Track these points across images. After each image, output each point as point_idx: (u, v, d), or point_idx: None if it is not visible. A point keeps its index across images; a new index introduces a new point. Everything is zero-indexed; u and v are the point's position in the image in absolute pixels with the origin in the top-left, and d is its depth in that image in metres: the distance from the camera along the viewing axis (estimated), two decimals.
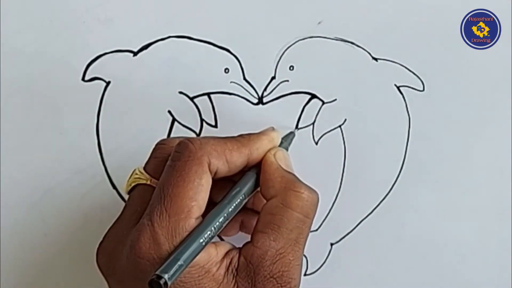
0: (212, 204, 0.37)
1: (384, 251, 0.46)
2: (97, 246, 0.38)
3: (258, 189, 0.39)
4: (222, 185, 0.39)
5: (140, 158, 0.45)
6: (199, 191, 0.35)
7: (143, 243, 0.34)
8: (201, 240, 0.34)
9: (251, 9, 0.46)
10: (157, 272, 0.33)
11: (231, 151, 0.37)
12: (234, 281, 0.36)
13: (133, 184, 0.38)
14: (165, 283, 0.32)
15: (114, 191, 0.46)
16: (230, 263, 0.36)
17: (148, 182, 0.38)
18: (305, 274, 0.46)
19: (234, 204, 0.37)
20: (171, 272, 0.33)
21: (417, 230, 0.46)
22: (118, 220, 0.38)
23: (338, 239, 0.46)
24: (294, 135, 0.45)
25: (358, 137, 0.46)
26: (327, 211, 0.45)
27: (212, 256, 0.36)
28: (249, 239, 0.38)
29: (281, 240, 0.36)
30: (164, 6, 0.46)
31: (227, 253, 0.37)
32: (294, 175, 0.39)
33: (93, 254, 0.45)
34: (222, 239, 0.44)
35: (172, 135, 0.46)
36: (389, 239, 0.46)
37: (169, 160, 0.37)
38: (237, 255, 0.36)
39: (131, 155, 0.46)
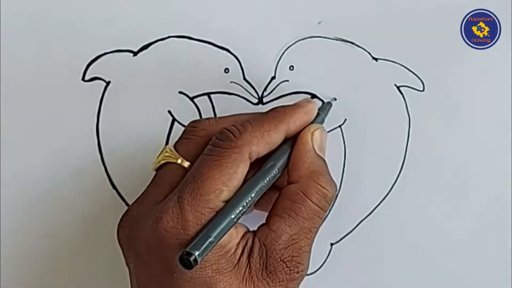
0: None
1: (384, 251, 0.46)
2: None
3: None
4: (256, 159, 0.39)
5: (140, 158, 0.45)
6: (233, 179, 0.36)
7: (171, 217, 0.35)
8: (233, 216, 0.35)
9: (251, 9, 0.46)
10: (188, 249, 0.33)
11: (269, 132, 0.38)
12: (247, 262, 0.36)
13: (162, 162, 0.39)
14: (195, 260, 0.33)
15: (114, 191, 0.46)
16: (246, 244, 0.37)
17: (178, 161, 0.38)
18: None
19: (268, 178, 0.37)
20: (202, 248, 0.33)
21: (417, 230, 0.46)
22: (143, 195, 0.38)
23: (338, 239, 0.46)
24: (331, 106, 0.44)
25: (358, 137, 0.46)
26: (327, 211, 0.45)
27: (233, 237, 0.36)
28: (255, 220, 0.38)
29: (296, 227, 0.37)
30: (164, 6, 0.46)
31: (243, 235, 0.37)
32: (323, 161, 0.39)
33: (93, 254, 0.45)
34: None
35: (172, 135, 0.46)
36: (389, 239, 0.46)
37: (209, 145, 0.38)
38: (252, 237, 0.37)
39: (131, 155, 0.46)
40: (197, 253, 0.33)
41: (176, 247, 0.34)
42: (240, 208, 0.36)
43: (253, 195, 0.36)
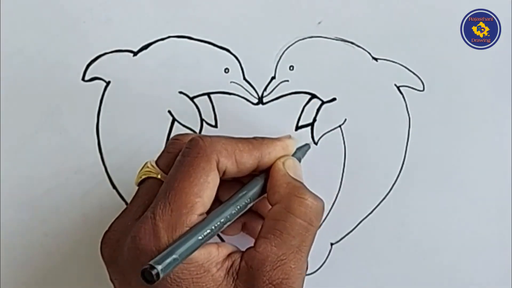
0: (218, 203, 0.37)
1: (384, 251, 0.46)
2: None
3: (265, 195, 0.39)
4: (231, 185, 0.39)
5: (140, 158, 0.45)
6: (205, 188, 0.35)
7: (143, 234, 0.35)
8: (200, 237, 0.34)
9: (251, 9, 0.46)
10: (151, 262, 0.32)
11: (241, 152, 0.37)
12: (233, 284, 0.35)
13: (143, 177, 0.39)
14: (157, 274, 0.32)
15: (114, 191, 0.46)
16: (232, 265, 0.36)
17: (158, 176, 0.38)
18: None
19: (239, 207, 0.37)
20: (165, 263, 0.33)
21: (417, 230, 0.46)
22: (125, 212, 0.38)
23: (338, 239, 0.46)
24: (309, 147, 0.44)
25: (358, 137, 0.46)
26: (327, 211, 0.45)
27: (212, 256, 0.35)
28: (251, 241, 0.38)
29: (283, 246, 0.36)
30: (164, 6, 0.46)
31: (229, 255, 0.36)
32: (301, 183, 0.38)
33: (93, 254, 0.45)
34: (222, 239, 0.44)
35: (172, 135, 0.46)
36: (389, 239, 0.46)
37: (179, 155, 0.37)
38: (239, 258, 0.36)
39: (131, 155, 0.46)
40: (159, 267, 0.32)
41: None
42: (208, 231, 0.35)
43: (222, 220, 0.36)
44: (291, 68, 0.46)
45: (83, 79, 0.46)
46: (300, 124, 0.46)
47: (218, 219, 0.36)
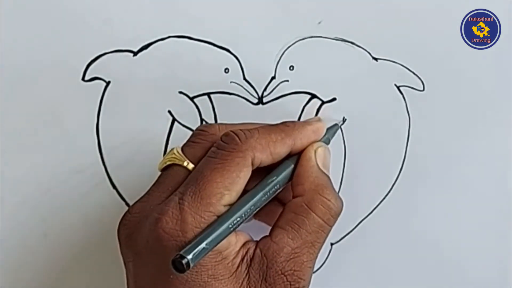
0: (244, 190, 0.37)
1: (384, 251, 0.46)
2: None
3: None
4: (259, 171, 0.39)
5: (140, 158, 0.45)
6: (236, 183, 0.36)
7: (171, 218, 0.35)
8: (230, 226, 0.35)
9: (251, 9, 0.46)
10: (181, 252, 0.33)
11: (275, 142, 0.38)
12: (246, 271, 0.36)
13: (168, 163, 0.39)
14: (188, 263, 0.32)
15: (114, 191, 0.46)
16: (246, 253, 0.36)
17: (184, 164, 0.38)
18: None
19: (268, 192, 0.37)
20: (195, 253, 0.33)
21: (417, 230, 0.46)
22: (146, 195, 0.38)
23: (338, 239, 0.46)
24: (338, 127, 0.44)
25: (358, 137, 0.46)
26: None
27: (231, 244, 0.36)
28: (261, 229, 0.38)
29: (299, 240, 0.37)
30: (164, 6, 0.46)
31: (244, 244, 0.37)
32: (328, 177, 0.39)
33: (94, 254, 0.45)
34: None
35: (172, 135, 0.46)
36: (389, 239, 0.46)
37: (213, 147, 0.38)
38: (254, 246, 0.37)
39: (131, 155, 0.46)
40: (190, 257, 0.33)
41: (173, 248, 0.34)
42: (238, 219, 0.35)
43: (252, 206, 0.36)
44: (291, 68, 0.46)
45: (83, 79, 0.46)
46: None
47: (248, 206, 0.36)
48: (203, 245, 0.33)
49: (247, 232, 0.38)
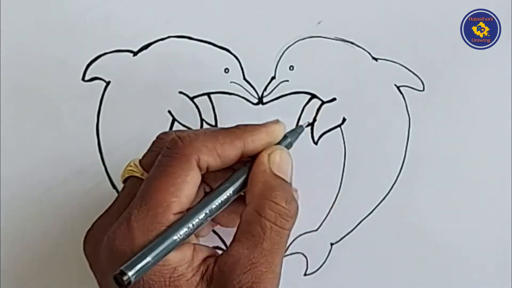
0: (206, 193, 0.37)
1: (384, 251, 0.46)
2: None
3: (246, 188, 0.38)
4: (220, 173, 0.38)
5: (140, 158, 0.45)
6: (182, 188, 0.35)
7: (118, 235, 0.34)
8: (175, 237, 0.33)
9: (251, 9, 0.46)
10: (122, 268, 0.32)
11: (222, 144, 0.36)
12: None
13: (126, 175, 0.38)
14: (128, 280, 0.31)
15: (114, 191, 0.46)
16: (206, 270, 0.35)
17: (140, 175, 0.37)
18: (305, 274, 0.46)
19: (219, 202, 0.36)
20: (136, 268, 0.32)
21: (417, 230, 0.46)
22: (107, 211, 0.38)
23: (338, 239, 0.46)
24: (302, 130, 0.41)
25: (358, 137, 0.46)
26: (327, 211, 0.45)
27: (186, 259, 0.35)
28: None
29: (254, 250, 0.35)
30: (164, 6, 0.46)
31: (205, 260, 0.36)
32: (282, 180, 0.37)
33: None
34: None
35: None
36: (389, 239, 0.46)
37: (159, 155, 0.36)
38: (213, 263, 0.35)
39: (131, 155, 0.45)
40: (130, 273, 0.32)
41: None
42: (185, 230, 0.34)
43: (201, 216, 0.35)
44: (291, 68, 0.46)
45: (83, 79, 0.46)
46: (300, 124, 0.46)
47: (196, 216, 0.35)
48: (147, 259, 0.32)
49: (209, 247, 0.37)
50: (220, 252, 0.37)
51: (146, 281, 0.34)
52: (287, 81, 0.46)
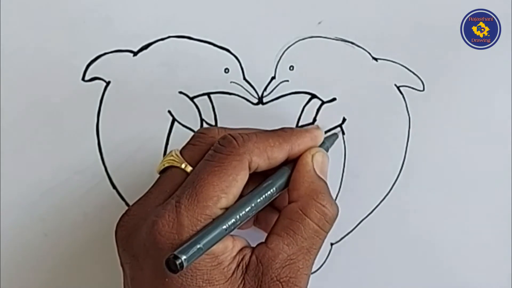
0: (241, 194, 0.37)
1: (384, 251, 0.46)
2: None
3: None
4: (256, 176, 0.39)
5: (140, 158, 0.45)
6: (232, 186, 0.36)
7: (167, 221, 0.35)
8: (225, 227, 0.35)
9: (251, 9, 0.46)
10: (175, 252, 0.33)
11: (272, 147, 0.38)
12: (242, 278, 0.36)
13: (166, 165, 0.39)
14: (181, 264, 0.32)
15: (114, 191, 0.46)
16: (242, 259, 0.36)
17: (182, 166, 0.38)
18: None
19: (264, 196, 0.37)
20: (189, 254, 0.33)
21: (417, 230, 0.46)
22: (144, 197, 0.38)
23: (338, 239, 0.46)
24: (337, 137, 0.45)
25: (358, 137, 0.46)
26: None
27: (228, 249, 0.36)
28: (261, 235, 0.38)
29: (294, 247, 0.36)
30: (164, 6, 0.46)
31: (241, 250, 0.37)
32: (324, 183, 0.39)
33: (94, 254, 0.45)
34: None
35: (172, 135, 0.46)
36: (389, 239, 0.46)
37: (210, 150, 0.38)
38: (250, 253, 0.37)
39: (131, 155, 0.46)
40: (184, 257, 0.32)
41: (169, 251, 0.34)
42: (233, 221, 0.35)
43: (247, 209, 0.36)
44: (291, 68, 0.46)
45: (83, 79, 0.46)
46: (300, 124, 0.46)
47: (243, 208, 0.36)
48: (198, 246, 0.33)
49: (244, 238, 0.38)
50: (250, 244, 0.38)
51: (191, 269, 0.35)
52: (287, 81, 0.46)
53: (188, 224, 0.35)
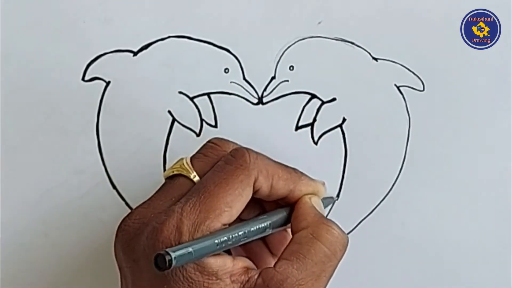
0: (238, 220, 0.37)
1: (384, 251, 0.46)
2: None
3: (284, 227, 0.39)
4: (253, 207, 0.39)
5: (140, 158, 0.45)
6: (237, 201, 0.36)
7: (167, 227, 0.35)
8: (216, 241, 0.34)
9: (251, 9, 0.46)
10: (166, 249, 0.33)
11: (279, 178, 0.38)
12: None
13: (175, 173, 0.38)
14: (170, 260, 0.32)
15: (114, 191, 0.46)
16: (248, 281, 0.35)
17: (191, 177, 0.38)
18: None
19: (258, 227, 0.37)
20: (179, 253, 0.33)
21: (417, 230, 0.46)
22: (148, 202, 0.38)
23: None
24: (333, 201, 0.45)
25: (358, 137, 0.46)
26: (327, 211, 0.45)
27: (227, 266, 0.35)
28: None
29: (304, 271, 0.35)
30: (164, 6, 0.46)
31: (246, 270, 0.36)
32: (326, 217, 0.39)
33: (94, 254, 0.45)
34: None
35: (172, 135, 0.46)
36: (389, 239, 0.46)
37: (221, 160, 0.37)
38: (256, 275, 0.36)
39: (131, 155, 0.46)
40: (173, 255, 0.32)
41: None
42: (225, 238, 0.35)
43: (241, 233, 0.36)
44: (291, 68, 0.46)
45: (83, 79, 0.46)
46: (300, 124, 0.46)
47: (237, 231, 0.36)
48: (189, 249, 0.33)
49: (248, 259, 0.37)
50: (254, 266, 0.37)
51: (186, 278, 0.34)
52: (287, 81, 0.46)
53: (186, 233, 0.34)
